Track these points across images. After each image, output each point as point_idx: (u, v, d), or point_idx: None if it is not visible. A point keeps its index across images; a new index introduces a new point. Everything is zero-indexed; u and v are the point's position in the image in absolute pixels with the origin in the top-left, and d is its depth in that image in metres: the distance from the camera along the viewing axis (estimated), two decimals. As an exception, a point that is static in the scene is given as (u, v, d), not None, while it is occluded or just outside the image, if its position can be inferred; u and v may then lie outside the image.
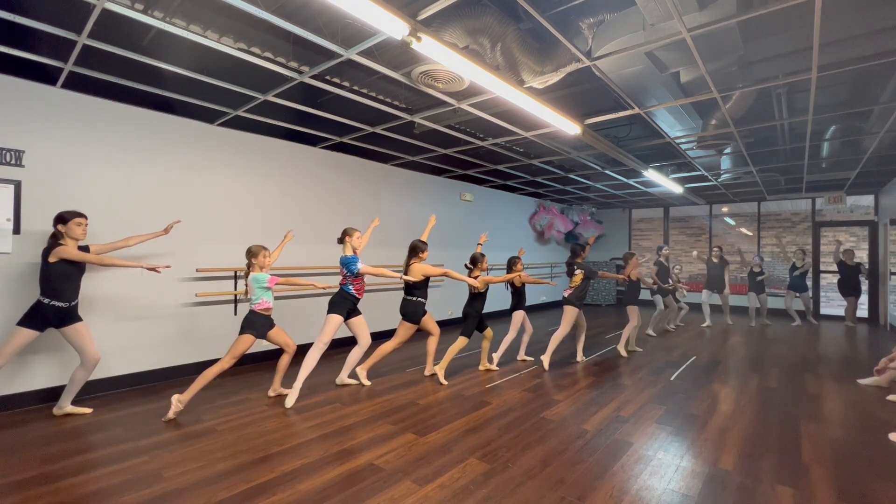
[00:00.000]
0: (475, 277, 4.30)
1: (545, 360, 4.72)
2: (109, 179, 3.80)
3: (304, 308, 5.21)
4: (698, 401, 3.71)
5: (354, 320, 3.94)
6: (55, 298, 3.02)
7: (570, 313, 4.76)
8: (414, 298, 4.06)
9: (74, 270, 3.10)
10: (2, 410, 3.29)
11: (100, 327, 3.69)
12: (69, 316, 3.12)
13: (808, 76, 3.20)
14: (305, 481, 2.36)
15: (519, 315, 4.78)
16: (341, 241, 3.82)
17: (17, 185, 3.34)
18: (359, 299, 3.88)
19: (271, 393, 3.69)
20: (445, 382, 4.14)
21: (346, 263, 3.75)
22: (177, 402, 3.19)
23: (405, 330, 4.06)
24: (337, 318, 3.74)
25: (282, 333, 3.58)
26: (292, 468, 2.50)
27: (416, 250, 4.12)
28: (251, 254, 3.41)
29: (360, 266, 3.72)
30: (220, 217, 4.52)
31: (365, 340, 3.95)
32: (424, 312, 4.13)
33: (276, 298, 4.93)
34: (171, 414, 3.16)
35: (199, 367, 4.23)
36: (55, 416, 3.22)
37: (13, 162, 3.33)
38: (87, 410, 3.31)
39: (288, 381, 3.95)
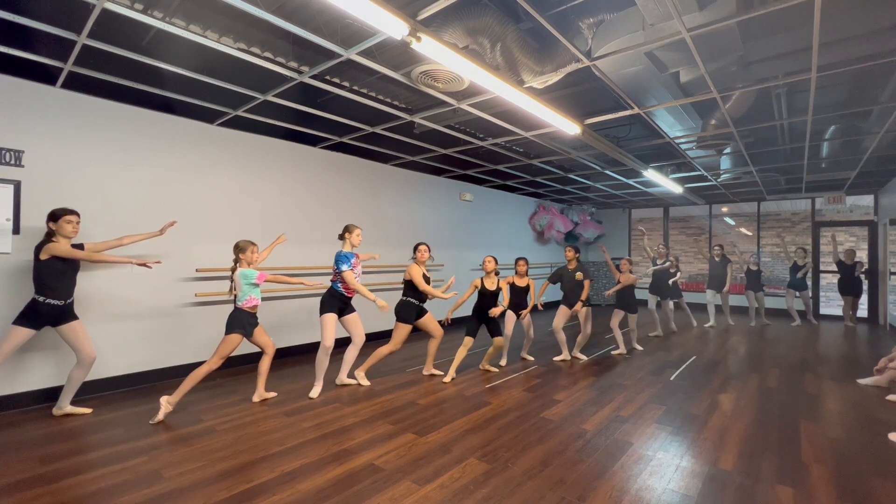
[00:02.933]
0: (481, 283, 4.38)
1: (563, 354, 5.06)
2: (109, 179, 3.79)
3: (302, 308, 5.21)
4: (698, 401, 3.71)
5: (348, 318, 3.92)
6: (49, 296, 3.02)
7: (560, 310, 5.12)
8: (405, 298, 4.08)
9: (67, 268, 3.09)
10: (2, 410, 3.29)
11: (100, 327, 3.69)
12: (65, 314, 3.12)
13: (808, 76, 3.21)
14: (305, 481, 2.36)
15: (509, 316, 4.83)
16: (342, 237, 3.84)
17: (17, 185, 3.34)
18: (349, 297, 3.87)
19: (256, 398, 3.60)
20: (448, 380, 4.18)
21: (337, 260, 3.77)
22: (166, 403, 3.16)
23: (398, 330, 4.06)
24: (331, 317, 3.75)
25: (262, 334, 3.54)
26: (292, 468, 2.50)
27: (413, 251, 4.15)
28: (239, 249, 3.37)
29: (345, 268, 3.73)
30: (220, 217, 4.52)
31: (359, 338, 3.93)
32: (423, 313, 4.13)
33: (274, 298, 4.94)
34: (160, 416, 3.13)
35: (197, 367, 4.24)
36: (54, 416, 3.22)
37: (13, 162, 3.33)
38: (87, 410, 3.31)
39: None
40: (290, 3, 2.47)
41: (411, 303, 4.07)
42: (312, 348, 4.89)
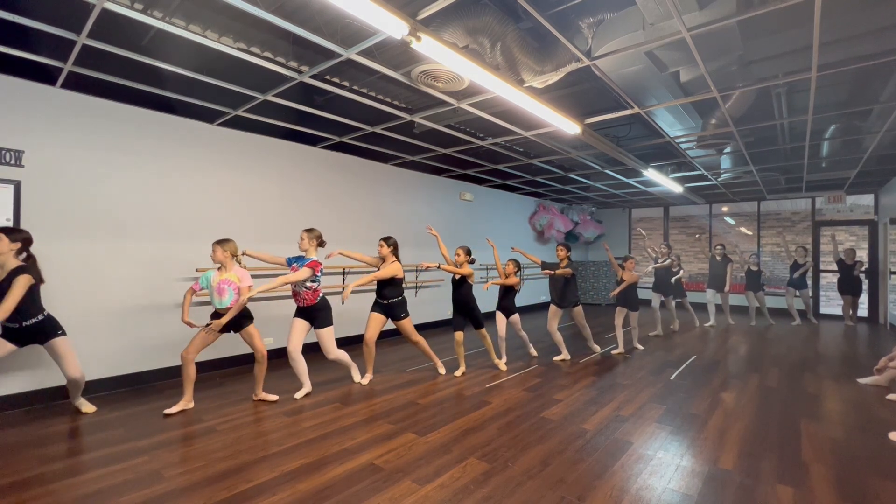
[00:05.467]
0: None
1: (563, 354, 5.07)
2: (109, 179, 3.79)
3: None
4: (698, 400, 3.71)
5: (317, 332, 3.82)
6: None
7: (550, 311, 5.16)
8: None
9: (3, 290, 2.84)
10: (3, 410, 3.29)
11: (100, 327, 3.70)
12: (32, 334, 2.98)
13: (808, 75, 3.20)
14: (305, 481, 2.36)
15: (498, 317, 4.86)
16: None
17: (17, 186, 3.34)
18: (300, 306, 3.75)
19: (254, 397, 3.63)
20: (459, 374, 4.36)
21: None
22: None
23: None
24: (293, 322, 3.75)
25: (251, 337, 3.49)
26: (292, 468, 2.50)
27: None
28: None
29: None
30: (220, 216, 4.52)
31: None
32: (400, 314, 4.13)
33: (280, 298, 4.94)
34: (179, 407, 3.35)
35: (200, 367, 4.24)
36: (57, 413, 3.23)
37: (13, 162, 3.33)
38: (92, 408, 3.34)
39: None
40: (289, 2, 2.47)
41: (376, 298, 4.17)
42: (314, 348, 4.89)
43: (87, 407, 3.33)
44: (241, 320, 3.46)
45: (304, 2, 2.46)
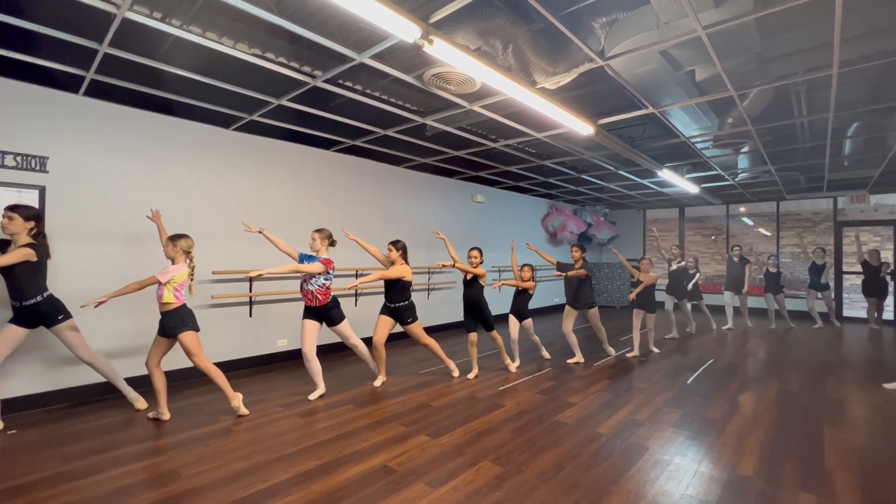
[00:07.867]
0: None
1: (577, 357, 5.06)
2: (129, 183, 3.89)
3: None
4: (716, 404, 3.64)
5: (334, 329, 3.85)
6: (9, 296, 3.02)
7: (566, 312, 5.14)
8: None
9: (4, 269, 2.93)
10: (27, 409, 3.38)
11: (119, 328, 3.79)
12: (34, 315, 3.03)
13: (829, 72, 3.13)
14: (319, 482, 2.38)
15: (511, 321, 4.86)
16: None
17: (42, 191, 3.44)
18: (310, 306, 3.70)
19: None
20: (472, 377, 4.36)
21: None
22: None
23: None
24: (303, 323, 3.71)
25: (188, 349, 3.19)
26: (306, 469, 2.52)
27: None
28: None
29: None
30: (236, 220, 4.58)
31: (345, 337, 3.90)
32: (407, 319, 4.11)
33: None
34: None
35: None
36: (78, 413, 3.31)
37: (38, 168, 3.44)
38: (144, 404, 3.46)
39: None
40: (302, 8, 2.50)
41: (384, 301, 4.17)
42: (326, 350, 4.93)
43: (139, 403, 3.46)
44: (173, 328, 3.14)
45: (317, 7, 2.49)
